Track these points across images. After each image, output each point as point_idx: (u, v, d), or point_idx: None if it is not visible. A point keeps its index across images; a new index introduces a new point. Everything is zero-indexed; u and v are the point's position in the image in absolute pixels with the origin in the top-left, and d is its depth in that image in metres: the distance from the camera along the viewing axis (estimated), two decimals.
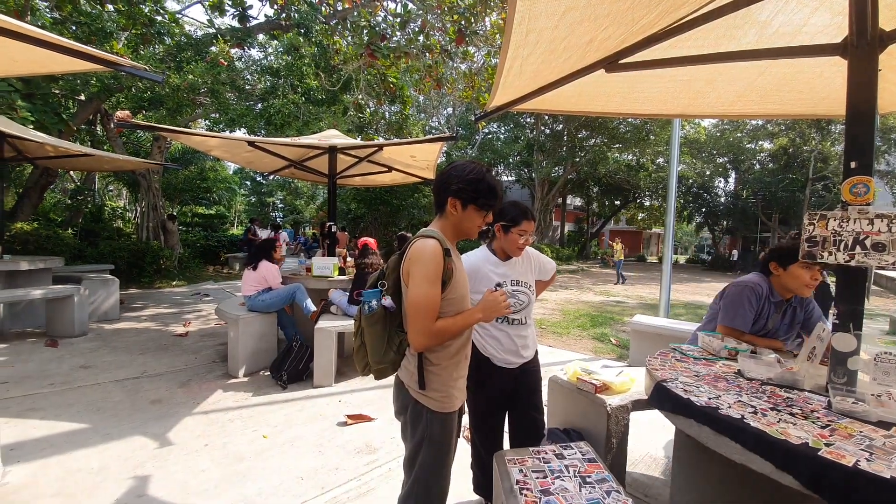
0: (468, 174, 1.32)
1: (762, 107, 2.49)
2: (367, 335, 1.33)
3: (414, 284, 1.23)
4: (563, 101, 2.67)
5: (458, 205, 1.32)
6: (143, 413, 3.10)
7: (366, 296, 1.33)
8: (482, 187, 1.32)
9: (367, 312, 1.31)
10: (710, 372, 1.63)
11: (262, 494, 2.19)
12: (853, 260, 1.40)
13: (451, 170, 1.36)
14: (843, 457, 1.02)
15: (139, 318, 6.23)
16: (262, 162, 4.76)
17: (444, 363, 1.33)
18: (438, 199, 1.37)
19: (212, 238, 12.76)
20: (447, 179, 1.34)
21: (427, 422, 1.32)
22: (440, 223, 1.38)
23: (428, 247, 1.24)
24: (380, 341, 1.32)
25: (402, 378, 1.38)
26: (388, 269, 1.37)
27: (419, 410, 1.33)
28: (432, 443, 1.33)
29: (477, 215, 1.35)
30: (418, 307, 1.21)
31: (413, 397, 1.33)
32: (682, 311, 8.94)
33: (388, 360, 1.33)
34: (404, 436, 1.42)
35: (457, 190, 1.31)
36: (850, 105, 1.44)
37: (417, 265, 1.23)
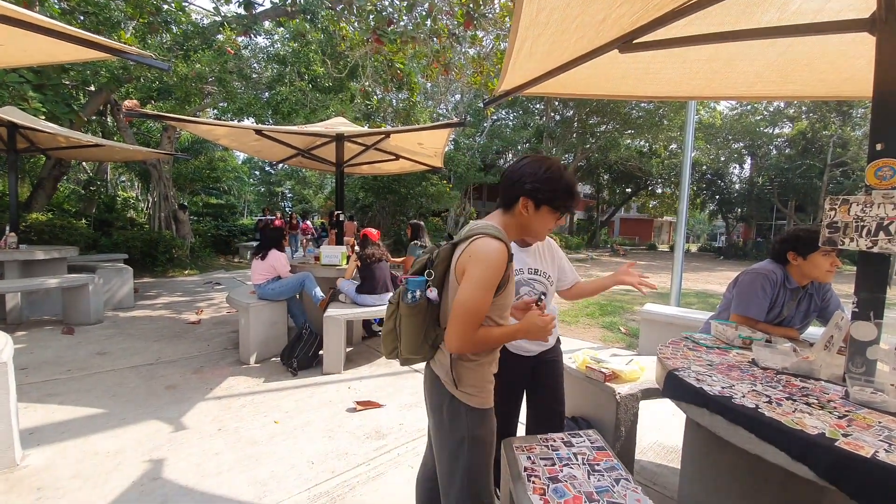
0: (545, 172, 1.21)
1: (782, 87, 2.39)
2: (403, 324, 1.25)
3: (468, 285, 1.13)
4: (574, 84, 2.60)
5: (531, 205, 1.22)
6: (158, 398, 3.17)
7: (410, 284, 1.22)
8: (560, 187, 1.22)
9: (408, 301, 1.21)
10: (723, 361, 1.60)
11: (274, 477, 2.24)
12: (876, 246, 1.34)
13: (526, 166, 1.24)
14: (861, 448, 0.99)
15: (153, 306, 6.35)
16: (269, 151, 4.76)
17: (482, 359, 1.26)
18: (507, 196, 1.26)
19: (222, 227, 12.89)
20: (521, 176, 1.22)
21: (467, 419, 1.24)
22: (503, 219, 1.27)
23: (494, 249, 1.14)
24: (417, 333, 1.24)
25: (437, 373, 1.29)
26: (436, 259, 1.24)
27: (457, 407, 1.24)
28: (475, 440, 1.24)
29: (550, 217, 1.26)
30: (467, 311, 1.12)
31: (450, 393, 1.25)
32: (693, 299, 8.84)
33: (422, 354, 1.28)
34: (439, 435, 1.30)
35: (532, 189, 1.20)
36: (878, 84, 1.37)
37: (478, 266, 1.13)
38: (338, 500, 2.07)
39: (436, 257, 1.25)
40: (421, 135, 4.25)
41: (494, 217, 1.29)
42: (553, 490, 1.26)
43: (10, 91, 5.23)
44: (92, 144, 5.36)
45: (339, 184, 4.58)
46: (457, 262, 1.19)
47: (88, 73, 6.66)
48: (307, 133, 4.14)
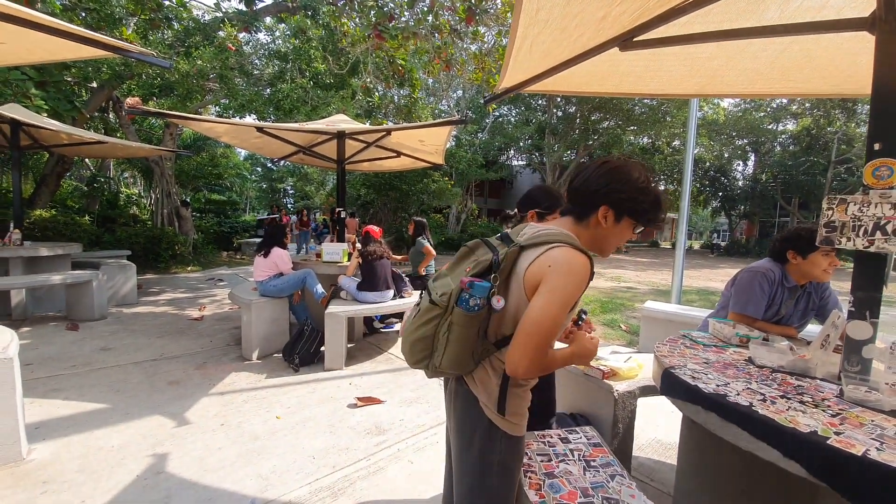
0: (640, 182, 1.10)
1: (784, 85, 2.38)
2: (454, 333, 1.07)
3: (545, 301, 1.00)
4: (574, 82, 2.60)
5: (612, 216, 1.11)
6: (161, 394, 3.21)
7: (476, 289, 1.04)
8: (650, 199, 1.11)
9: (468, 310, 1.04)
10: (719, 359, 1.61)
11: (276, 472, 2.27)
12: (872, 246, 1.35)
13: (609, 172, 1.12)
14: (853, 445, 1.00)
15: (156, 302, 6.40)
16: (270, 147, 4.77)
17: (530, 384, 1.17)
18: (584, 204, 1.14)
19: (225, 224, 12.93)
20: (604, 184, 1.10)
21: (502, 447, 1.14)
22: (577, 229, 1.14)
23: (580, 264, 1.02)
24: (468, 345, 1.09)
25: (476, 394, 1.15)
26: (503, 261, 1.08)
27: (494, 433, 1.14)
28: (506, 468, 1.16)
29: (628, 231, 1.14)
30: (540, 330, 0.99)
31: (488, 418, 1.14)
32: (694, 297, 8.83)
33: (466, 369, 1.13)
34: (462, 457, 1.19)
35: (623, 199, 1.09)
36: (877, 83, 1.37)
37: (560, 280, 1.00)
38: (339, 495, 2.10)
39: (503, 260, 1.09)
40: (422, 132, 4.26)
41: (565, 225, 1.16)
42: (549, 485, 1.28)
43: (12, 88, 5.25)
44: (94, 141, 5.38)
45: (341, 181, 4.60)
46: (529, 270, 1.05)
47: (90, 70, 6.69)
48: (308, 130, 4.15)
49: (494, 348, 1.13)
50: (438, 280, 1.22)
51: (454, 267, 1.22)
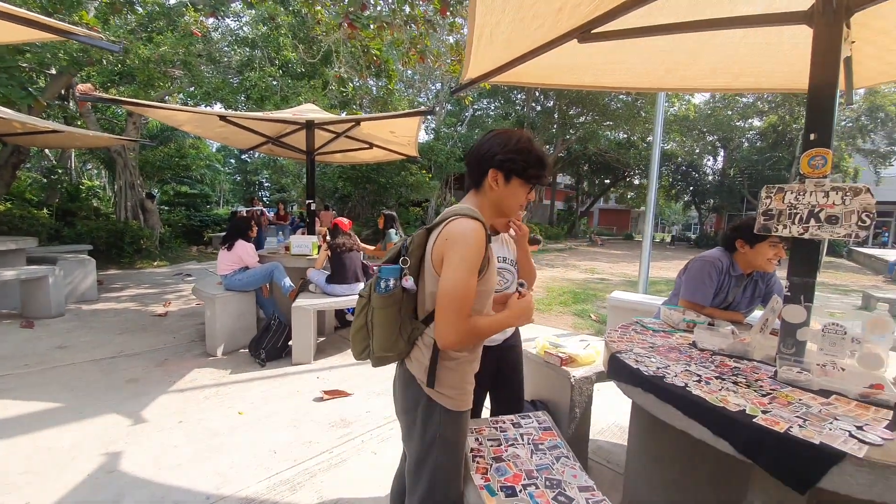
0: (516, 143, 1.16)
1: (740, 80, 2.45)
2: (376, 317, 1.15)
3: (451, 271, 1.05)
4: (538, 73, 2.60)
5: (501, 178, 1.17)
6: (118, 392, 3.09)
7: (383, 272, 1.13)
8: (531, 158, 1.17)
9: (381, 292, 1.12)
10: (666, 343, 1.66)
11: (234, 467, 2.22)
12: (807, 233, 1.41)
13: (493, 138, 1.19)
14: (777, 423, 1.04)
15: (119, 298, 6.16)
16: (237, 138, 4.62)
17: (464, 358, 1.19)
18: (475, 172, 1.20)
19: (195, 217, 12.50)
20: (489, 149, 1.17)
21: (441, 421, 1.17)
22: (476, 200, 1.21)
23: (471, 229, 1.07)
24: (391, 327, 1.14)
25: (413, 372, 1.19)
26: (411, 245, 1.15)
27: (432, 408, 1.17)
28: (447, 442, 1.18)
29: (521, 190, 1.20)
30: (453, 298, 1.03)
31: (426, 393, 1.17)
32: (663, 287, 9.08)
33: (396, 350, 1.17)
34: (409, 436, 1.24)
35: (504, 160, 1.15)
36: (813, 75, 1.42)
37: (456, 248, 1.05)
38: (297, 488, 2.08)
39: (410, 244, 1.15)
40: (393, 123, 4.20)
41: (467, 199, 1.24)
42: (495, 469, 1.29)
43: None
44: (49, 130, 5.10)
45: (311, 172, 4.50)
46: (433, 248, 1.11)
47: (47, 56, 6.30)
48: (274, 120, 4.04)
49: (423, 325, 1.17)
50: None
51: (386, 255, 1.27)
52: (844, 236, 1.33)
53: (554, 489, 1.20)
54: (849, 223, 1.32)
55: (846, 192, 1.33)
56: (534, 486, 1.22)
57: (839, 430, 1.01)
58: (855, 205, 1.32)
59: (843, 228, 1.33)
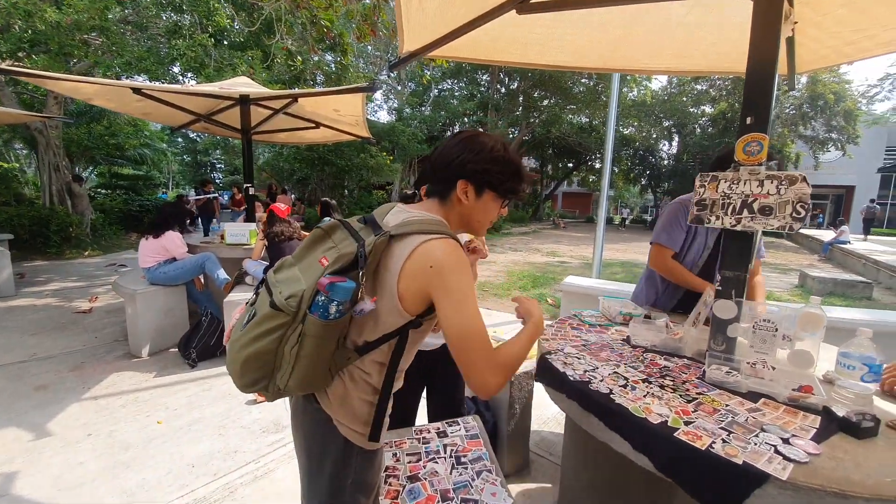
0: (492, 151, 0.98)
1: (684, 62, 2.37)
2: (308, 347, 0.87)
3: (460, 307, 0.87)
4: (481, 48, 2.42)
5: (472, 190, 0.99)
6: (23, 401, 2.76)
7: (337, 292, 0.84)
8: (508, 169, 1.00)
9: (328, 318, 0.85)
10: (599, 340, 1.57)
11: (143, 486, 2.00)
12: (739, 224, 1.33)
13: (464, 143, 0.99)
14: (700, 438, 0.96)
15: (40, 293, 5.57)
16: (159, 113, 4.13)
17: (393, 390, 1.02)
18: (443, 180, 1.00)
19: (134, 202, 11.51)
20: (459, 155, 0.98)
21: (356, 465, 0.99)
22: (442, 211, 1.01)
23: (458, 254, 0.90)
24: (325, 360, 0.90)
25: (328, 412, 0.96)
26: (370, 255, 0.88)
27: (349, 452, 0.98)
28: (362, 486, 1.01)
29: (494, 205, 1.03)
30: (475, 342, 0.86)
31: (343, 436, 0.97)
32: (618, 269, 9.35)
33: (320, 386, 0.95)
34: (314, 480, 1.03)
35: (478, 171, 0.97)
36: (752, 54, 1.32)
37: (454, 279, 0.87)
38: None
39: (370, 254, 0.88)
40: (336, 100, 3.89)
41: (431, 208, 1.02)
42: (408, 491, 1.16)
43: None
44: None
45: (247, 152, 4.13)
46: (403, 271, 0.89)
47: None
48: (199, 94, 3.62)
49: (356, 356, 0.94)
50: (281, 272, 0.97)
51: (303, 255, 0.98)
52: (778, 228, 1.27)
53: None
54: (783, 214, 1.25)
55: (781, 180, 1.26)
56: None
57: (764, 445, 0.93)
58: (790, 195, 1.25)
59: (776, 220, 1.26)
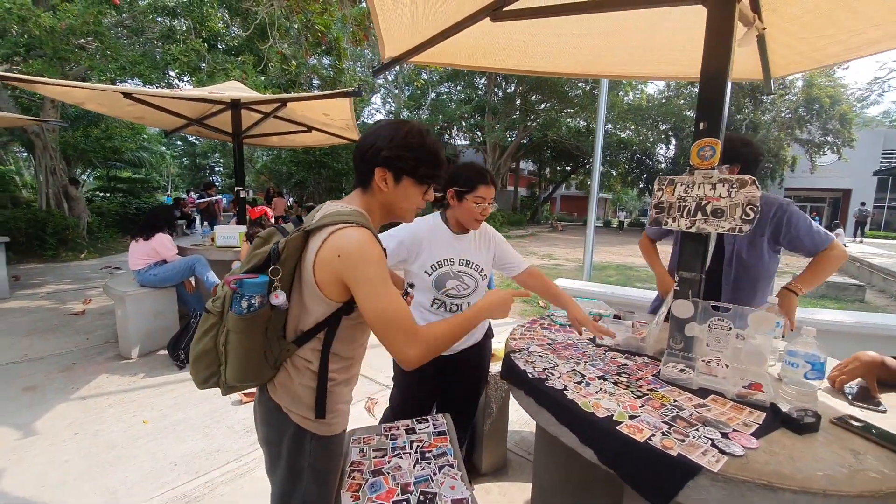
0: (405, 136, 1.00)
1: (659, 68, 2.43)
2: (233, 342, 0.94)
3: (371, 295, 0.93)
4: (461, 54, 2.47)
5: (391, 177, 1.01)
6: (12, 402, 2.80)
7: (245, 287, 0.91)
8: (424, 153, 1.01)
9: (242, 312, 0.91)
10: (566, 339, 1.62)
11: (126, 484, 2.04)
12: (693, 226, 1.38)
13: (379, 130, 1.02)
14: (641, 430, 1.00)
15: (34, 295, 5.61)
16: (153, 118, 4.19)
17: (340, 377, 1.06)
18: (362, 170, 1.03)
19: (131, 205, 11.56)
20: (373, 143, 1.00)
21: (312, 450, 1.04)
22: (364, 200, 1.05)
23: (365, 242, 0.94)
24: (252, 353, 0.95)
25: (277, 401, 1.03)
26: (284, 252, 0.94)
27: (301, 438, 1.03)
28: (317, 472, 1.06)
29: (415, 191, 1.05)
30: (395, 318, 0.94)
31: (294, 423, 1.03)
32: (612, 272, 9.39)
33: (260, 378, 1.01)
34: (273, 468, 1.10)
35: (391, 157, 0.99)
36: (705, 60, 1.37)
37: (361, 269, 0.92)
38: (194, 503, 1.92)
39: (283, 250, 0.94)
40: (324, 105, 3.95)
41: (354, 199, 1.06)
42: (370, 485, 1.20)
43: None
44: None
45: (238, 156, 4.18)
46: (316, 262, 0.94)
47: None
48: (190, 98, 3.68)
49: (295, 346, 1.00)
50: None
51: (245, 261, 1.02)
52: (729, 230, 1.31)
53: None
54: (733, 216, 1.30)
55: (732, 184, 1.31)
56: (405, 501, 1.14)
57: (703, 439, 0.97)
58: (740, 197, 1.29)
59: (727, 222, 1.31)
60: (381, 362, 3.56)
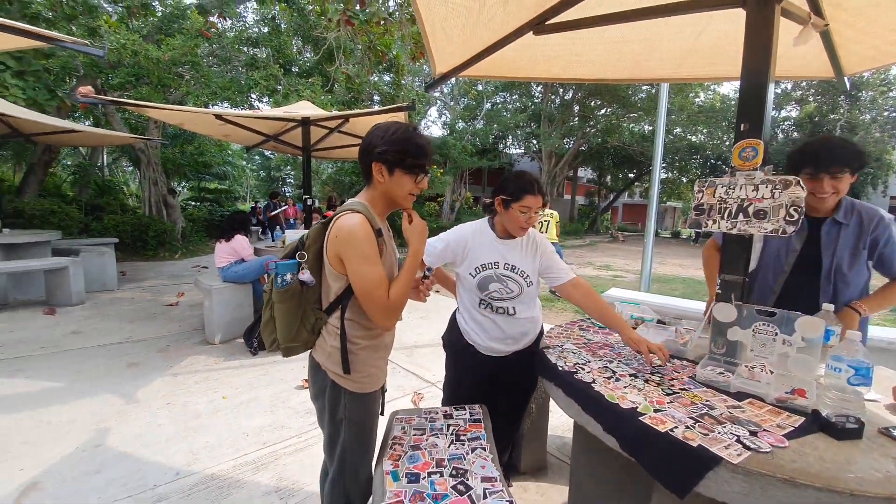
0: (392, 134, 1.18)
1: (712, 69, 2.36)
2: (277, 311, 1.22)
3: (356, 269, 1.14)
4: (506, 66, 2.59)
5: (384, 170, 1.19)
6: (118, 375, 3.31)
7: (279, 268, 1.20)
8: (409, 147, 1.18)
9: (279, 286, 1.19)
10: (603, 340, 1.64)
11: (207, 447, 2.36)
12: (735, 228, 1.37)
13: (374, 131, 1.22)
14: (664, 422, 1.03)
15: (137, 288, 6.52)
16: (238, 135, 4.79)
17: (365, 342, 1.25)
18: (364, 167, 1.24)
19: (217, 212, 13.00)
20: (369, 143, 1.20)
21: (346, 404, 1.26)
22: (368, 194, 1.26)
23: (355, 223, 1.13)
24: (292, 319, 1.22)
25: (318, 359, 1.28)
26: (308, 240, 1.23)
27: (337, 392, 1.25)
28: (352, 424, 1.27)
29: (406, 180, 1.21)
30: (369, 291, 1.14)
31: (331, 379, 1.25)
32: (678, 285, 8.82)
33: (301, 340, 1.25)
34: (321, 420, 1.35)
35: (381, 153, 1.17)
36: (746, 61, 1.37)
37: (350, 247, 1.13)
38: (261, 468, 2.18)
39: (307, 239, 1.23)
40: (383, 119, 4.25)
41: (361, 194, 1.28)
42: (408, 457, 1.33)
43: None
44: (66, 130, 5.43)
45: (307, 168, 4.62)
46: (327, 244, 1.18)
47: (71, 60, 6.71)
48: (268, 117, 4.16)
49: (325, 315, 1.25)
50: None
51: (284, 251, 1.31)
52: (772, 231, 1.29)
53: (457, 478, 1.23)
54: (776, 217, 1.28)
55: (776, 185, 1.28)
56: (439, 474, 1.25)
57: (728, 435, 0.98)
58: (784, 198, 1.27)
59: (770, 223, 1.29)
60: (426, 360, 3.73)
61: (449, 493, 1.16)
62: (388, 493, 1.16)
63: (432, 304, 5.53)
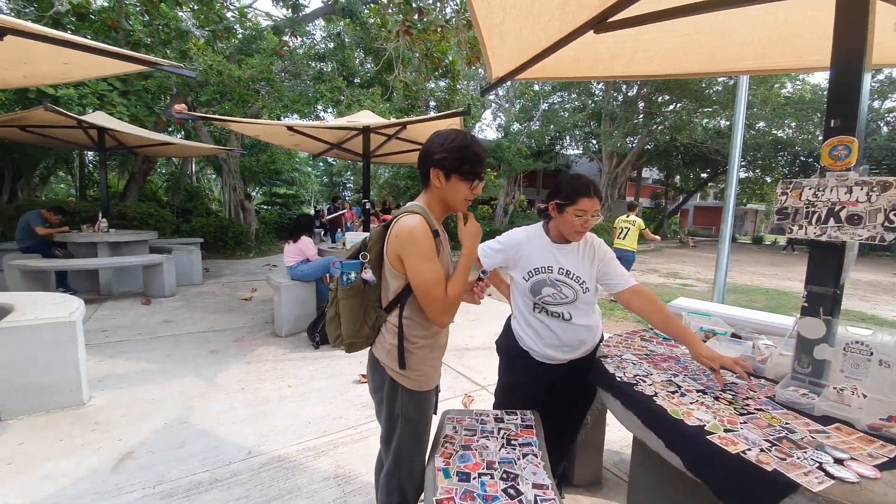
0: (451, 142, 1.23)
1: (798, 59, 2.13)
2: (342, 308, 1.29)
3: (415, 267, 1.19)
4: (565, 67, 2.53)
5: (441, 175, 1.23)
6: (202, 360, 3.69)
7: (344, 267, 1.27)
8: (466, 154, 1.23)
9: (344, 284, 1.27)
10: (666, 352, 1.55)
11: (273, 431, 2.56)
12: (824, 234, 1.23)
13: (434, 137, 1.27)
14: (735, 443, 0.96)
15: (217, 283, 7.22)
16: (306, 144, 5.15)
17: (421, 341, 1.30)
18: (422, 172, 1.29)
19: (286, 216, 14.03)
20: (429, 149, 1.25)
21: (402, 400, 1.31)
22: (426, 197, 1.31)
23: (414, 224, 1.19)
24: (356, 315, 1.29)
25: (377, 356, 1.35)
26: (370, 241, 1.30)
27: (395, 388, 1.31)
28: (408, 420, 1.32)
29: (462, 185, 1.25)
30: (428, 289, 1.19)
31: (389, 375, 1.31)
32: (760, 296, 7.99)
33: (363, 336, 1.32)
34: (379, 413, 1.40)
35: (440, 159, 1.22)
36: (836, 52, 1.23)
37: (410, 246, 1.18)
38: (321, 454, 2.33)
39: (369, 240, 1.30)
40: (435, 125, 4.34)
41: (420, 197, 1.33)
42: (460, 456, 1.35)
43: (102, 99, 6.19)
44: (161, 143, 6.18)
45: (366, 173, 4.85)
46: (388, 245, 1.24)
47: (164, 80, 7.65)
48: (332, 127, 4.43)
49: (385, 313, 1.32)
50: None
51: (349, 251, 1.41)
52: (868, 238, 1.14)
53: (508, 482, 1.23)
54: (873, 223, 1.13)
55: (873, 186, 1.14)
56: (489, 475, 1.26)
57: (809, 461, 0.89)
58: (882, 202, 1.12)
59: (866, 230, 1.14)
60: (477, 363, 3.74)
61: (499, 495, 1.16)
62: (439, 489, 1.19)
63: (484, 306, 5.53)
